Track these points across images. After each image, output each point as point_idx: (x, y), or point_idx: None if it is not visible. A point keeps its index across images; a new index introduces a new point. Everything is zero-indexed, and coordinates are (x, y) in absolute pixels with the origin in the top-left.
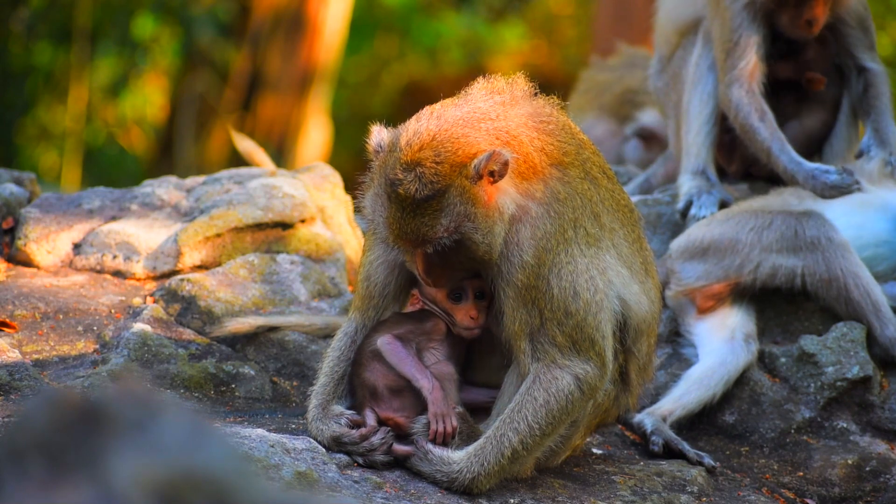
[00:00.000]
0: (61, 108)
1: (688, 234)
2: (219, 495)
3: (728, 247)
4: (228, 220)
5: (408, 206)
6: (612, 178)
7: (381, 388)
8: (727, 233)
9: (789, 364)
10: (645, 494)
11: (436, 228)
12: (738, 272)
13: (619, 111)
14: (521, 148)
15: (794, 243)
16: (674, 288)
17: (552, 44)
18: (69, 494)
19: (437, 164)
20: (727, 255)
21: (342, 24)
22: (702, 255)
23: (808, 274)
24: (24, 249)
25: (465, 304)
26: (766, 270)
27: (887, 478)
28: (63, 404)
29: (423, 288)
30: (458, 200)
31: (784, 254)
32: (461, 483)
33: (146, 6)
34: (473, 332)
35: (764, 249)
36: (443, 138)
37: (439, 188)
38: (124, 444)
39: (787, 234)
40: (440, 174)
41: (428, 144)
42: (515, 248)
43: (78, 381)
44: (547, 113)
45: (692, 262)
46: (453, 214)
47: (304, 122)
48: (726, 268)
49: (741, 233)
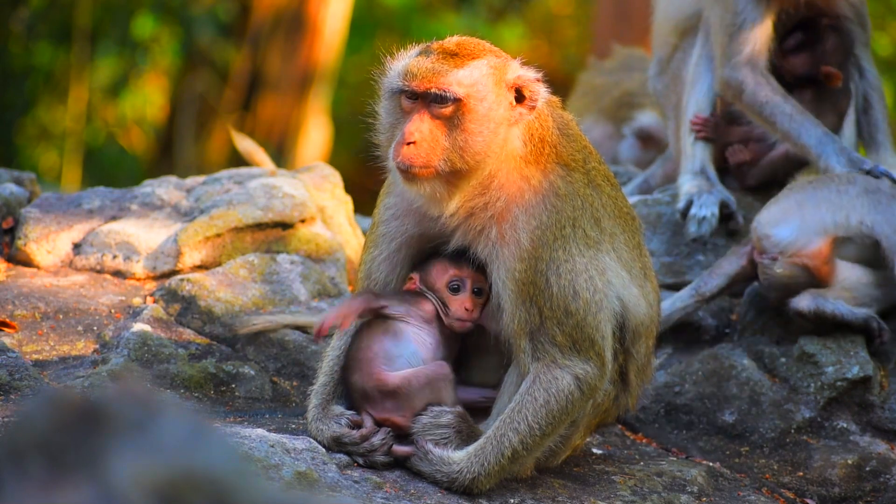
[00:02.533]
0: (61, 108)
1: (772, 202)
2: (219, 495)
3: (821, 199)
4: (228, 220)
5: (435, 53)
6: (615, 186)
7: (370, 391)
8: (814, 189)
9: (789, 364)
10: (645, 494)
11: (449, 77)
12: (834, 222)
13: (616, 114)
14: (541, 130)
15: (877, 197)
16: (773, 258)
17: (552, 44)
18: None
19: (478, 46)
20: (821, 205)
21: (342, 24)
22: (796, 210)
23: (885, 225)
24: (24, 249)
25: (462, 295)
26: (854, 222)
27: (887, 478)
28: (63, 404)
29: (423, 273)
30: (482, 77)
31: (867, 207)
32: (461, 483)
33: (146, 6)
34: (465, 325)
35: (851, 200)
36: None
37: (473, 54)
38: (124, 444)
39: (870, 189)
40: (480, 49)
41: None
42: (511, 231)
43: (78, 381)
44: (568, 119)
45: (786, 223)
46: (471, 79)
47: (304, 122)
48: (822, 220)
49: (828, 188)
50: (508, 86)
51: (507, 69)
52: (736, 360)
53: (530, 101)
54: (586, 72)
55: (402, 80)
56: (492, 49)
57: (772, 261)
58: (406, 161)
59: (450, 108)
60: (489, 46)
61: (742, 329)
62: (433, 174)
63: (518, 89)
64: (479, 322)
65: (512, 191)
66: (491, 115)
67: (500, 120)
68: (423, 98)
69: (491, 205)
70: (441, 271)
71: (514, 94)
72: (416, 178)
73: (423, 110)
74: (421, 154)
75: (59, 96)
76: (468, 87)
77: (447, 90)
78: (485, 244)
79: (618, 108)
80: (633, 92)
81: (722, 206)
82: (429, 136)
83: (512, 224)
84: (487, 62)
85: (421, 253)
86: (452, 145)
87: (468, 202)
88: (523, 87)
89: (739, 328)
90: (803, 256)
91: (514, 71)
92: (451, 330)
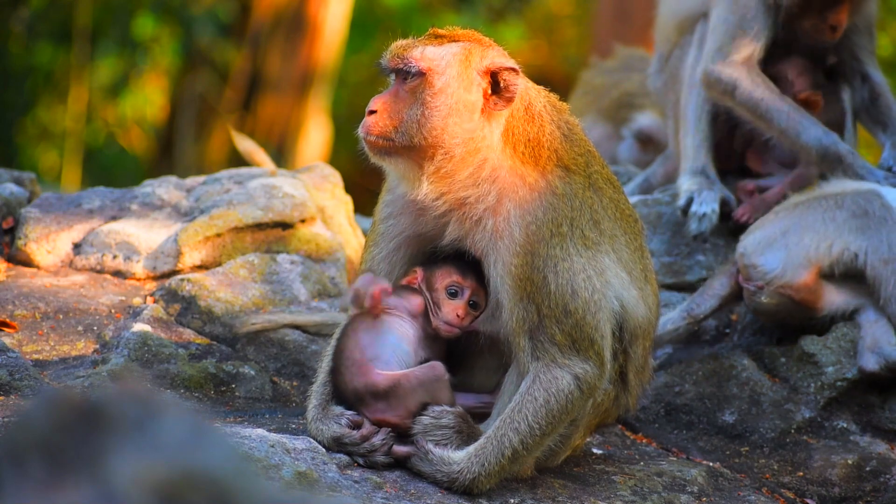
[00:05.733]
0: (61, 108)
1: (755, 228)
2: (219, 495)
3: (805, 226)
4: (228, 220)
5: (424, 35)
6: (618, 190)
7: (361, 392)
8: (800, 217)
9: (789, 364)
10: (645, 494)
11: (415, 52)
12: (818, 253)
13: (616, 115)
14: (535, 132)
15: (864, 222)
16: (759, 286)
17: (552, 44)
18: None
19: (468, 34)
20: (805, 235)
21: (342, 24)
22: (781, 238)
23: (872, 253)
24: (24, 249)
25: (458, 301)
26: (837, 249)
27: (887, 478)
28: (63, 404)
29: (428, 271)
30: (450, 55)
31: (853, 233)
32: (462, 483)
33: (146, 6)
34: (451, 331)
35: (837, 227)
36: None
37: (455, 37)
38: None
39: (858, 212)
40: (466, 36)
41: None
42: (504, 224)
43: (78, 381)
44: (573, 123)
45: (771, 252)
46: (437, 55)
47: (304, 122)
48: (806, 250)
49: (814, 214)
50: (480, 71)
51: (483, 55)
52: (736, 360)
53: (506, 91)
54: (587, 71)
55: (382, 58)
56: (481, 39)
57: (758, 289)
58: (363, 129)
59: (415, 82)
60: (479, 37)
61: (742, 329)
62: (391, 146)
63: (494, 79)
64: (468, 329)
65: (504, 186)
66: (452, 93)
67: (465, 102)
68: (396, 74)
69: (483, 198)
70: (445, 274)
71: (489, 81)
72: (374, 147)
73: (397, 86)
74: (378, 123)
75: (59, 96)
76: (431, 62)
77: (409, 62)
78: (481, 236)
79: (617, 109)
80: (633, 93)
81: (722, 204)
82: (390, 107)
83: (505, 217)
84: (463, 45)
85: (420, 254)
86: (410, 118)
87: (456, 193)
88: (498, 75)
89: (739, 328)
90: (789, 288)
91: (488, 58)
92: (435, 332)
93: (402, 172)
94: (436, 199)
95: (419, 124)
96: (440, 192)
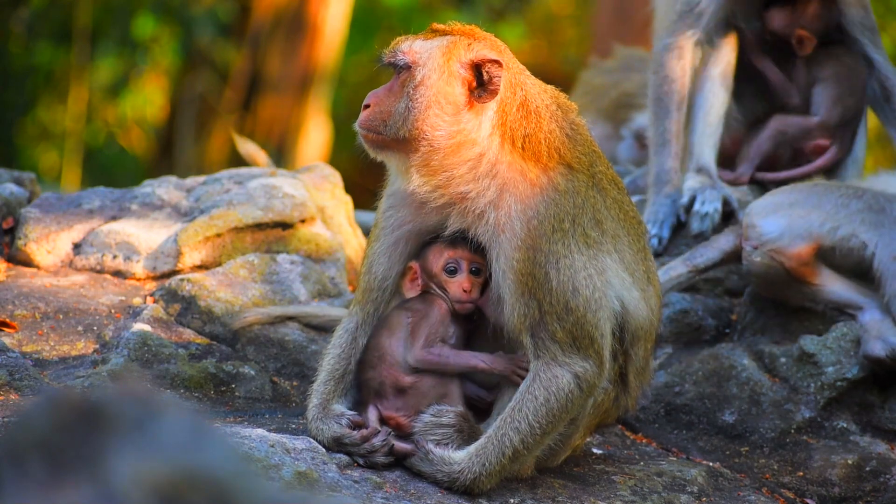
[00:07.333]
0: (61, 108)
1: (771, 193)
2: (219, 495)
3: (814, 205)
4: (228, 220)
5: (423, 31)
6: (622, 191)
7: (387, 388)
8: (814, 194)
9: (789, 364)
10: (645, 494)
11: (403, 46)
12: (821, 231)
13: (615, 115)
14: (532, 128)
15: (879, 218)
16: (755, 246)
17: (552, 44)
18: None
19: (461, 28)
20: (812, 211)
21: (342, 24)
22: (787, 208)
23: (882, 248)
24: (24, 249)
25: (460, 277)
26: (843, 234)
27: (887, 478)
28: (63, 404)
29: (422, 260)
30: (433, 47)
31: (866, 225)
32: (462, 483)
33: (146, 6)
34: (465, 307)
35: (849, 215)
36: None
37: (446, 31)
38: (124, 444)
39: (875, 208)
40: (458, 30)
41: None
42: (505, 218)
43: (78, 381)
44: (579, 124)
45: (775, 217)
46: (422, 48)
47: (304, 122)
48: (809, 225)
49: (829, 196)
50: (464, 63)
51: (468, 48)
52: (736, 360)
53: (489, 84)
54: (587, 71)
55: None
56: (475, 33)
57: (753, 249)
58: (358, 123)
59: (404, 76)
60: (474, 31)
61: (742, 329)
62: (382, 140)
63: (479, 71)
64: (479, 304)
65: (504, 181)
66: (432, 84)
67: (446, 94)
68: (392, 68)
69: (483, 192)
70: (437, 254)
71: (473, 74)
72: (367, 140)
73: (393, 81)
74: (369, 117)
75: (59, 96)
76: (415, 55)
77: (398, 55)
78: (484, 229)
79: (616, 109)
80: (632, 93)
81: (724, 203)
82: (382, 101)
83: (507, 212)
84: (450, 38)
85: (418, 249)
86: (396, 111)
87: (456, 187)
88: (482, 67)
89: (739, 328)
90: (782, 255)
91: (473, 50)
92: (462, 320)
93: (395, 165)
94: (431, 191)
95: (404, 118)
96: (434, 185)
